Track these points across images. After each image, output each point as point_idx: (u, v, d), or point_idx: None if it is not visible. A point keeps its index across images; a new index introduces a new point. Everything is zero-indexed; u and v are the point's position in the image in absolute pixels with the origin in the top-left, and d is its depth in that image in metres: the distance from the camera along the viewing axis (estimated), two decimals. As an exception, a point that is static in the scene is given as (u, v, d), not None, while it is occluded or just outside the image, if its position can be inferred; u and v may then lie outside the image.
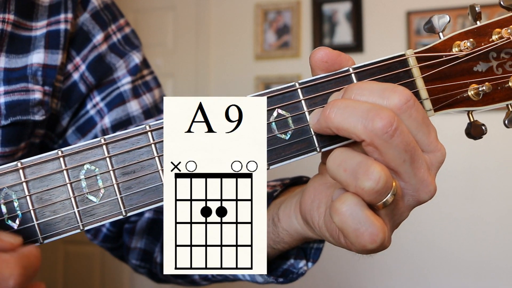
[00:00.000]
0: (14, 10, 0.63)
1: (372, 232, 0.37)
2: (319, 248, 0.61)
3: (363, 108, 0.38)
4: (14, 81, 0.63)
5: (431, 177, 0.41)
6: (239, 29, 2.74)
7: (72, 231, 0.43)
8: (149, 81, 0.78)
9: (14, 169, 0.43)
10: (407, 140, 0.38)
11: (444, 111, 0.45)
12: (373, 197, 0.37)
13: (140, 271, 0.78)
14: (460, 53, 0.45)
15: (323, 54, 0.43)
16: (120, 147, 0.43)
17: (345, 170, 0.38)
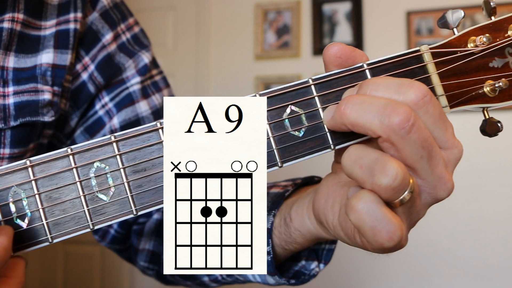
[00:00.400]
0: (24, 9, 0.62)
1: (390, 230, 0.36)
2: (331, 249, 0.60)
3: (379, 104, 0.37)
4: (23, 81, 0.62)
5: (449, 174, 0.40)
6: (239, 29, 2.74)
7: (82, 230, 0.43)
8: (158, 81, 0.78)
9: (23, 167, 0.42)
10: (425, 136, 0.38)
11: (459, 107, 0.45)
12: (390, 194, 0.37)
13: (149, 273, 0.77)
14: (475, 49, 0.44)
15: (337, 50, 0.43)
16: (131, 144, 0.43)
17: (361, 167, 0.37)
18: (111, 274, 2.77)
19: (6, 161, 0.62)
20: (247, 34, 2.72)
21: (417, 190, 0.40)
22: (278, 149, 0.43)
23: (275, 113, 0.43)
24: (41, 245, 0.43)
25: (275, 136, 0.43)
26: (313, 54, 2.59)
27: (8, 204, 0.42)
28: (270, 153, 0.43)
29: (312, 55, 2.60)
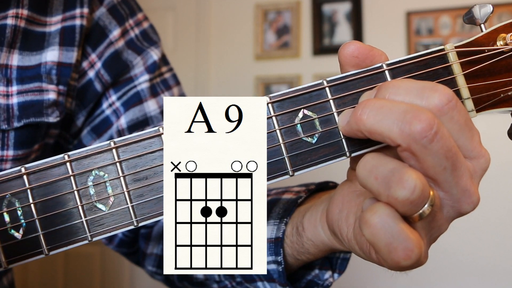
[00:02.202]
0: (28, 5, 0.60)
1: (407, 247, 0.33)
2: (346, 258, 0.57)
3: (400, 109, 0.34)
4: (27, 80, 0.60)
5: (474, 186, 0.37)
6: (239, 29, 2.74)
7: (79, 242, 0.41)
8: (168, 78, 0.75)
9: (17, 175, 0.40)
10: (448, 145, 0.34)
11: (486, 111, 0.41)
12: (408, 208, 0.33)
13: (157, 277, 0.75)
14: (505, 47, 0.41)
15: (353, 49, 0.40)
16: (131, 151, 0.41)
17: (377, 177, 0.34)
18: (111, 275, 2.78)
19: (10, 163, 0.60)
20: (247, 34, 2.72)
21: (438, 203, 0.36)
22: (289, 157, 0.40)
23: (286, 118, 0.40)
24: (37, 257, 0.41)
25: (286, 142, 0.40)
26: (313, 54, 2.60)
27: (2, 214, 0.40)
28: (281, 160, 0.40)
29: (312, 55, 2.60)
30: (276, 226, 0.56)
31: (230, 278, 0.63)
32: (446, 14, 2.38)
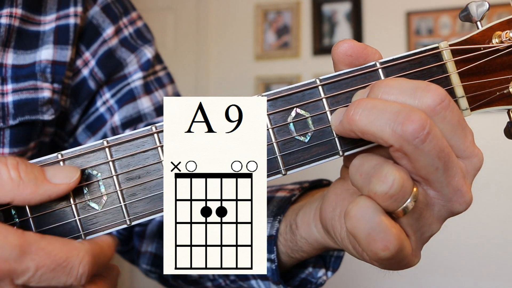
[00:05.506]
0: (22, 4, 0.61)
1: (385, 238, 0.34)
2: (340, 256, 0.57)
3: (392, 110, 0.34)
4: (22, 78, 0.60)
5: (467, 186, 0.37)
6: (239, 29, 2.74)
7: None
8: (162, 77, 0.76)
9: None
10: (441, 145, 0.34)
11: (481, 109, 0.41)
12: (389, 203, 0.34)
13: (151, 276, 0.75)
14: (501, 45, 0.40)
15: (347, 47, 0.39)
16: (124, 150, 0.40)
17: (361, 174, 0.36)
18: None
19: None
20: (247, 34, 2.73)
21: (422, 199, 0.37)
22: (281, 156, 0.40)
23: (279, 117, 0.40)
24: None
25: (279, 141, 0.40)
26: (313, 54, 2.60)
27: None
28: (273, 159, 0.40)
29: (312, 55, 2.61)
30: (270, 224, 0.56)
31: (224, 276, 0.64)
32: (446, 14, 2.38)
